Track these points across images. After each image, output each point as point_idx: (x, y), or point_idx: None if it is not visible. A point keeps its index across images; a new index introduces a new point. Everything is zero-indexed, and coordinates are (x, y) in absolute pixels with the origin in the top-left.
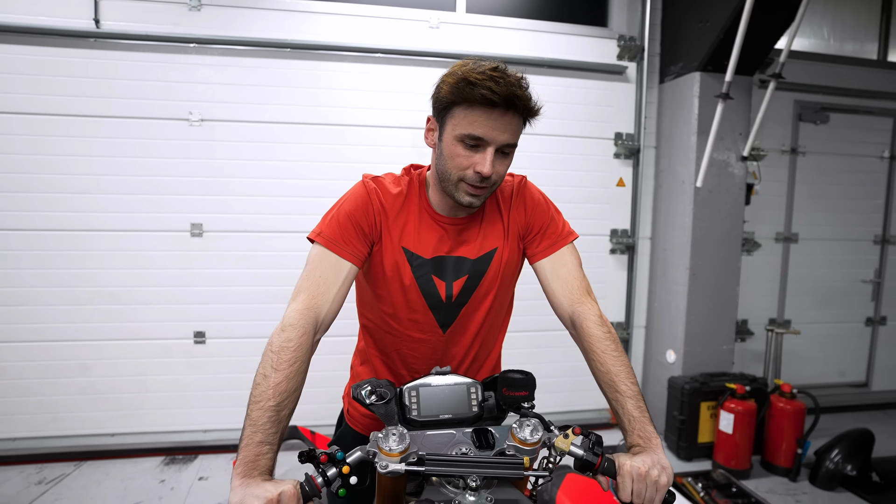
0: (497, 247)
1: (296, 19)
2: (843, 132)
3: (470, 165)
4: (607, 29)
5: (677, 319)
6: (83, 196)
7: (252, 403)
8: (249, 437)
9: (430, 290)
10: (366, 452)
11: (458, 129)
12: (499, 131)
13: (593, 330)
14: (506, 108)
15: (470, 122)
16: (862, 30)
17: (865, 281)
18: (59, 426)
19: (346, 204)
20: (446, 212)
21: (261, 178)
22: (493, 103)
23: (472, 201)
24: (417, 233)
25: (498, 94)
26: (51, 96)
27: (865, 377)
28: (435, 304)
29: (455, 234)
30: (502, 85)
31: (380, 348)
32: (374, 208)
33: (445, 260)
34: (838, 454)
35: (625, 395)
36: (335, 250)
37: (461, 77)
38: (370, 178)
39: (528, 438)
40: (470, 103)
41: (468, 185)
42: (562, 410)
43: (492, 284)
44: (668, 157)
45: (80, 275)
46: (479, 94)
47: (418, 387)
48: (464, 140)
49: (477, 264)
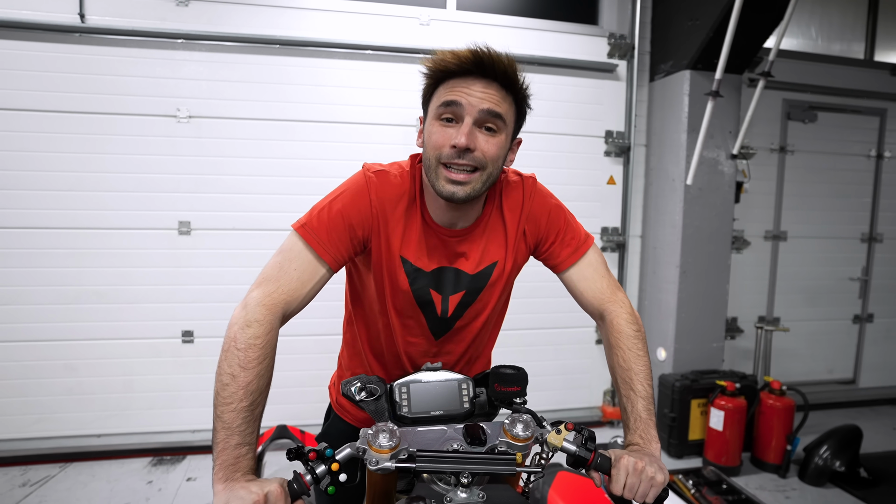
0: (497, 260)
1: (285, 15)
2: (830, 131)
3: (446, 142)
4: (598, 27)
5: (668, 317)
6: (68, 193)
7: (222, 405)
8: (225, 440)
9: (426, 303)
10: (355, 449)
11: (434, 107)
12: (475, 97)
13: (623, 327)
14: (479, 73)
15: (443, 94)
16: (849, 30)
17: (853, 279)
18: (44, 427)
19: (341, 199)
20: (445, 222)
21: (249, 176)
22: (464, 68)
23: (453, 190)
24: (417, 242)
25: (467, 56)
26: (34, 92)
27: (853, 374)
28: (430, 315)
29: (455, 245)
30: (473, 50)
31: (370, 343)
32: (372, 208)
33: (444, 272)
34: (827, 450)
35: (638, 395)
36: (317, 249)
37: (435, 56)
38: (372, 172)
39: (519, 434)
40: (444, 79)
41: (446, 170)
42: (553, 408)
43: (489, 299)
44: (658, 155)
45: (65, 273)
46: (446, 62)
47: (409, 383)
48: (441, 116)
49: (475, 280)
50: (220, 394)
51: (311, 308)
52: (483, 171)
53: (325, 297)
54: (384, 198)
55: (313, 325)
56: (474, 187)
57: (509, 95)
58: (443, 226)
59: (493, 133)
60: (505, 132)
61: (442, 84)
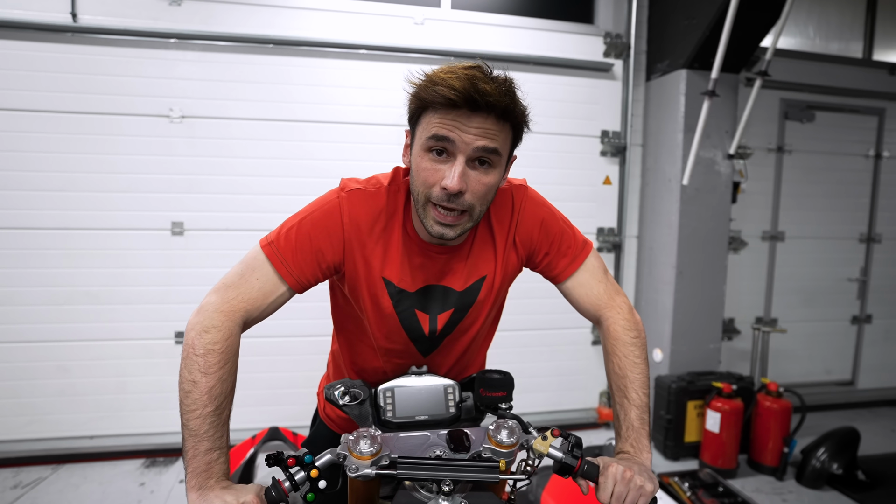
0: (486, 275)
1: (279, 15)
2: (828, 131)
3: (437, 181)
4: (593, 26)
5: (664, 318)
6: (61, 194)
7: (187, 412)
8: (194, 447)
9: (412, 324)
10: (336, 455)
11: (423, 136)
12: (470, 135)
13: (620, 333)
14: (472, 108)
15: (434, 124)
16: (847, 29)
17: (851, 279)
18: (36, 428)
19: (310, 220)
20: (433, 239)
21: (243, 176)
22: (454, 103)
23: (442, 231)
24: (400, 262)
25: (457, 91)
26: (26, 92)
27: (851, 375)
28: (417, 337)
29: (442, 261)
30: (464, 80)
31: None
32: (344, 231)
33: (430, 290)
34: (824, 453)
35: (632, 403)
36: (280, 270)
37: (428, 78)
38: (346, 192)
39: (504, 441)
40: (435, 106)
41: (435, 209)
42: (548, 410)
43: (478, 315)
44: (654, 155)
45: (57, 274)
46: (439, 92)
47: (394, 387)
48: (431, 149)
49: (463, 296)
50: (184, 402)
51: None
52: (472, 214)
53: (317, 298)
54: (358, 220)
55: (305, 326)
56: (464, 227)
57: (507, 123)
58: (430, 242)
59: (487, 168)
60: (500, 164)
61: (431, 109)
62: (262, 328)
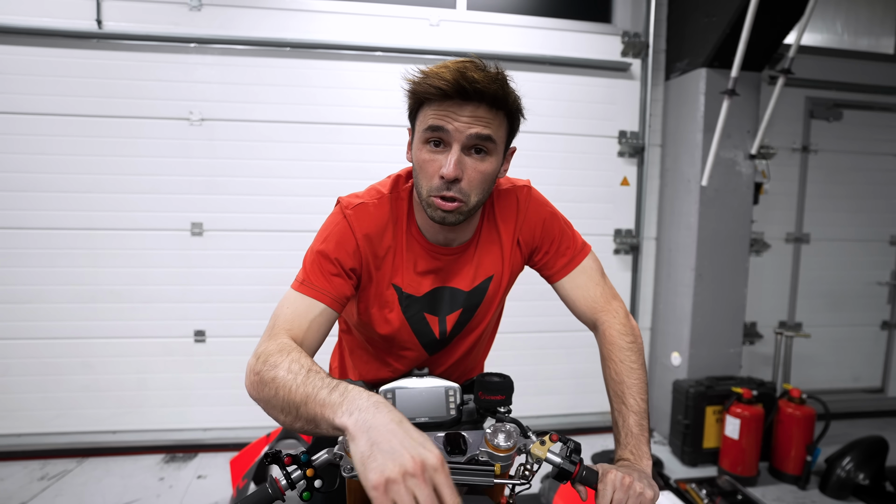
0: (493, 274)
1: (295, 18)
2: (857, 129)
3: (436, 171)
4: (611, 25)
5: (683, 321)
6: (85, 195)
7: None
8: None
9: (422, 328)
10: (332, 455)
11: (420, 128)
12: (461, 121)
13: (616, 338)
14: (463, 97)
15: (429, 116)
16: (877, 24)
17: (881, 283)
18: (61, 423)
19: (328, 244)
20: (439, 240)
21: (260, 177)
22: (446, 93)
23: (443, 216)
24: (407, 267)
25: (447, 80)
26: (53, 96)
27: (881, 382)
28: (428, 341)
29: (449, 263)
30: (454, 71)
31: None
32: (359, 246)
33: (438, 293)
34: (850, 462)
35: (630, 409)
36: (322, 300)
37: (422, 73)
38: (350, 209)
39: (501, 445)
40: (429, 100)
41: (436, 198)
42: (564, 413)
43: (486, 313)
44: (673, 156)
45: (82, 273)
46: (430, 85)
47: (395, 389)
48: (428, 141)
49: (471, 296)
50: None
51: None
52: (467, 202)
53: None
54: (369, 233)
55: None
56: (464, 211)
57: (500, 111)
58: (437, 244)
59: (483, 156)
60: (496, 152)
61: (427, 103)
62: None
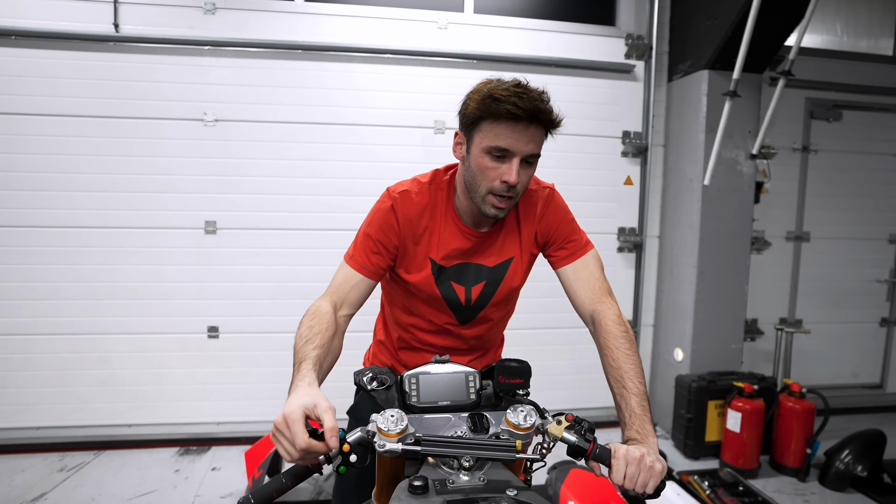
0: (513, 256)
1: (307, 21)
2: (856, 130)
3: (497, 176)
4: (615, 28)
5: (685, 318)
6: (102, 194)
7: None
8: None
9: (450, 295)
10: (366, 433)
11: (485, 142)
12: (523, 143)
13: (611, 328)
14: (529, 121)
15: (496, 135)
16: (877, 25)
17: (880, 281)
18: (79, 416)
19: (374, 226)
20: (472, 223)
21: (273, 177)
22: (518, 117)
23: (497, 213)
24: (441, 243)
25: (522, 109)
26: (71, 98)
27: (880, 378)
28: (455, 306)
29: (477, 243)
30: (526, 100)
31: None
32: (399, 226)
33: (465, 267)
34: (849, 455)
35: (630, 392)
36: (364, 272)
37: (487, 94)
38: (397, 193)
39: (521, 423)
40: (496, 118)
41: (495, 198)
42: (568, 408)
43: (507, 289)
44: (676, 156)
45: (99, 270)
46: (505, 109)
47: (418, 374)
48: (491, 152)
49: (494, 272)
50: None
51: None
52: (516, 198)
53: None
54: (410, 216)
55: None
56: (511, 206)
57: (544, 131)
58: (470, 227)
59: (530, 165)
60: (537, 161)
61: (493, 120)
62: (290, 324)
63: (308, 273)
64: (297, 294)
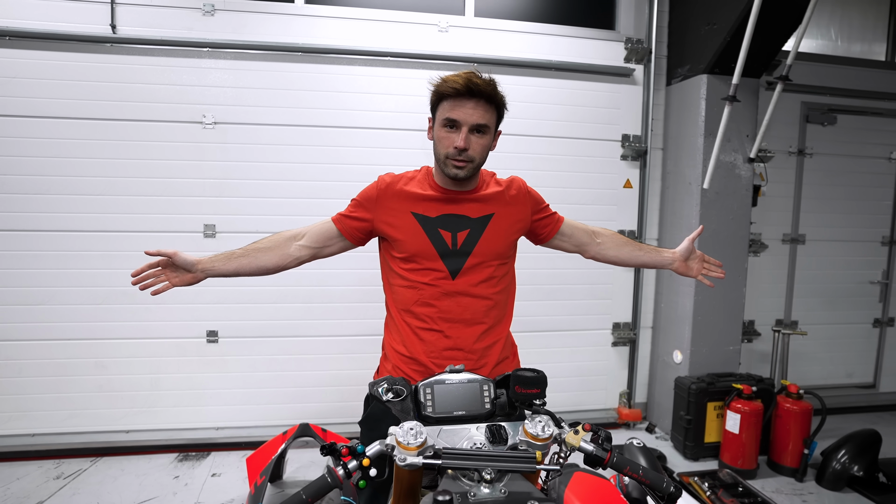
0: (495, 212)
1: (306, 24)
2: (850, 133)
3: (451, 143)
4: (614, 32)
5: (684, 320)
6: (99, 198)
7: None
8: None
9: (437, 239)
10: (385, 446)
11: (441, 117)
12: (468, 114)
13: (617, 235)
14: (470, 95)
15: (447, 110)
16: (870, 31)
17: (873, 282)
18: (76, 422)
19: (355, 198)
20: (447, 185)
21: (272, 180)
22: (461, 93)
23: (457, 173)
24: (423, 200)
25: (462, 85)
26: (68, 100)
27: (873, 378)
28: (443, 251)
29: (457, 200)
30: (462, 78)
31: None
32: (378, 193)
33: (449, 216)
34: (845, 455)
35: (652, 247)
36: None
37: (441, 80)
38: (383, 175)
39: (539, 434)
40: (447, 97)
41: (452, 160)
42: (569, 410)
43: (492, 239)
44: (675, 159)
45: (96, 275)
46: (450, 87)
47: (433, 384)
48: (445, 125)
49: (477, 222)
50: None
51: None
52: (473, 162)
53: (346, 299)
54: (387, 181)
55: (333, 327)
56: (469, 169)
57: (492, 106)
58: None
59: (481, 135)
60: (489, 132)
61: (445, 100)
62: (289, 328)
63: (308, 277)
64: (298, 298)
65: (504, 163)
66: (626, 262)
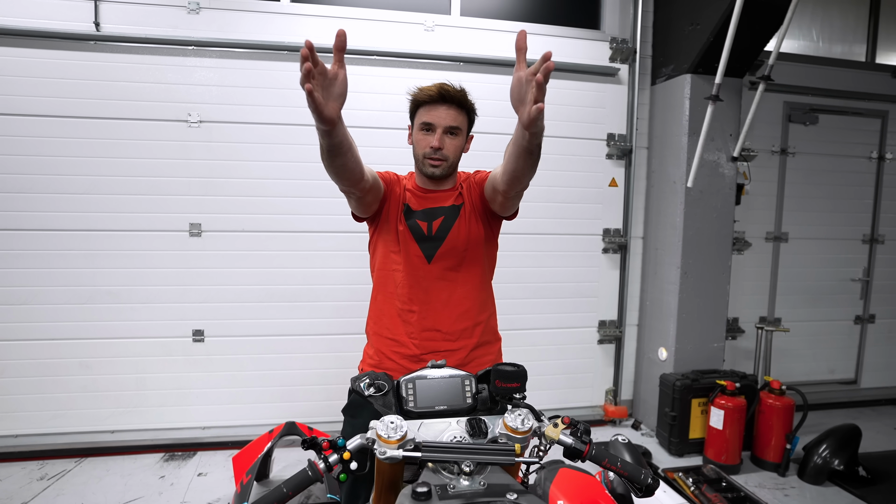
0: (464, 202)
1: (292, 22)
2: (831, 133)
3: (427, 144)
4: (600, 31)
5: (669, 318)
6: (83, 196)
7: None
8: None
9: (415, 227)
10: (365, 439)
11: (418, 122)
12: (441, 118)
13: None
14: (442, 101)
15: (423, 115)
16: (850, 32)
17: (854, 280)
18: (60, 423)
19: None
20: (426, 185)
21: (258, 179)
22: (434, 99)
23: (433, 171)
24: (411, 196)
25: (435, 92)
26: (51, 98)
27: (854, 374)
28: (419, 237)
29: (434, 197)
30: (436, 86)
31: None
32: (391, 182)
33: (429, 209)
34: (826, 449)
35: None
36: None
37: (418, 90)
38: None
39: (518, 427)
40: (422, 103)
41: (429, 160)
42: (555, 407)
43: (463, 225)
44: (659, 158)
45: (80, 274)
46: (425, 94)
47: (415, 379)
48: (422, 128)
49: (449, 210)
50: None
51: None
52: (447, 161)
53: (332, 298)
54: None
55: (320, 325)
56: (444, 168)
57: (463, 111)
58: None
59: (454, 136)
60: (462, 134)
61: (422, 106)
62: (276, 327)
63: (294, 276)
64: (284, 297)
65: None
66: (512, 159)
